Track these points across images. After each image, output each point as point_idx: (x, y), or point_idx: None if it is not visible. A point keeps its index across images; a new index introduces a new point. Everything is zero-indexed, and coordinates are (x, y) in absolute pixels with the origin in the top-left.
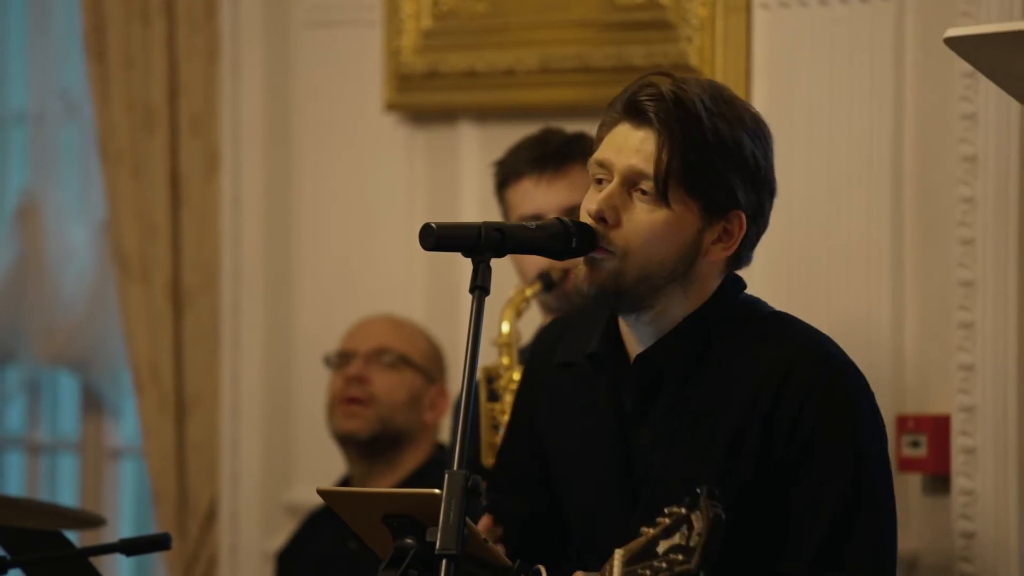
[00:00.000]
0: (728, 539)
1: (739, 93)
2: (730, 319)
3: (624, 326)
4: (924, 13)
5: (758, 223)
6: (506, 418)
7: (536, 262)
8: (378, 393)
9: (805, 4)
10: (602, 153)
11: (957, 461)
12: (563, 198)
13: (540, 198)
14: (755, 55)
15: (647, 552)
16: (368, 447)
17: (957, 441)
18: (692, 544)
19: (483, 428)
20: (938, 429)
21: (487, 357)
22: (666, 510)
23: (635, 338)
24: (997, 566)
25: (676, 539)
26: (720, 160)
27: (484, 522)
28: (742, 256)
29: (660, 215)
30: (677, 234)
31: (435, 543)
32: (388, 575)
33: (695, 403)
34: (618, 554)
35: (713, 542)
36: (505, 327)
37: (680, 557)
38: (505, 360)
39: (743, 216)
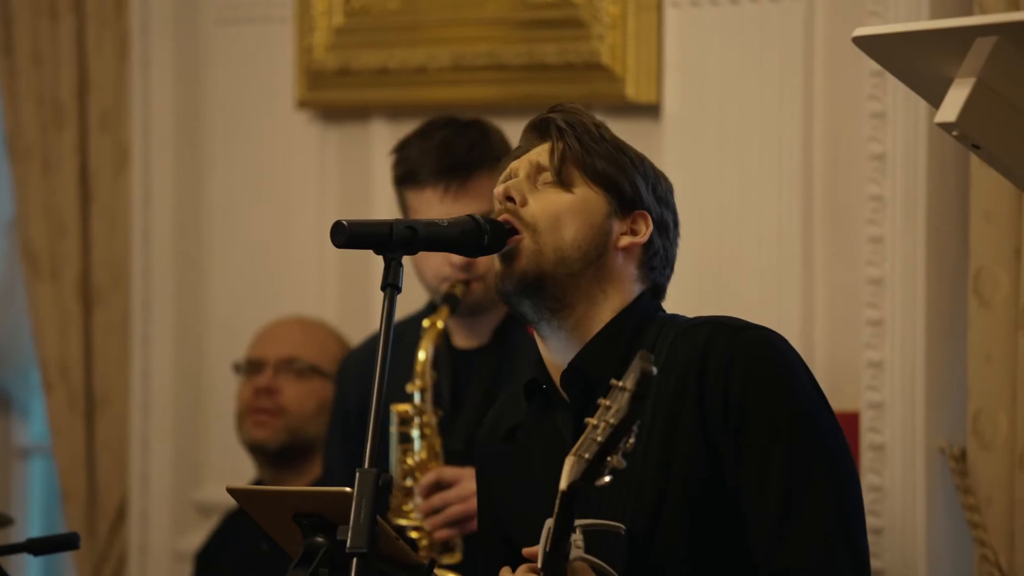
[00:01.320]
0: (697, 535)
1: (651, 91)
2: (650, 326)
3: (547, 354)
4: (833, 13)
5: (666, 239)
6: (416, 461)
7: (436, 267)
8: (287, 404)
9: (716, 3)
10: (508, 167)
11: (866, 457)
12: (468, 211)
13: (444, 213)
14: (666, 53)
15: (588, 439)
16: (278, 456)
17: (866, 438)
18: (623, 402)
19: (395, 469)
20: (847, 426)
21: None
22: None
23: (558, 357)
24: (905, 562)
25: (612, 409)
26: (617, 156)
27: None
28: (655, 268)
29: (565, 196)
30: (585, 214)
31: (345, 541)
32: (298, 574)
33: None
34: (568, 460)
35: (642, 395)
36: (421, 355)
37: (612, 420)
38: (417, 401)
39: (648, 216)
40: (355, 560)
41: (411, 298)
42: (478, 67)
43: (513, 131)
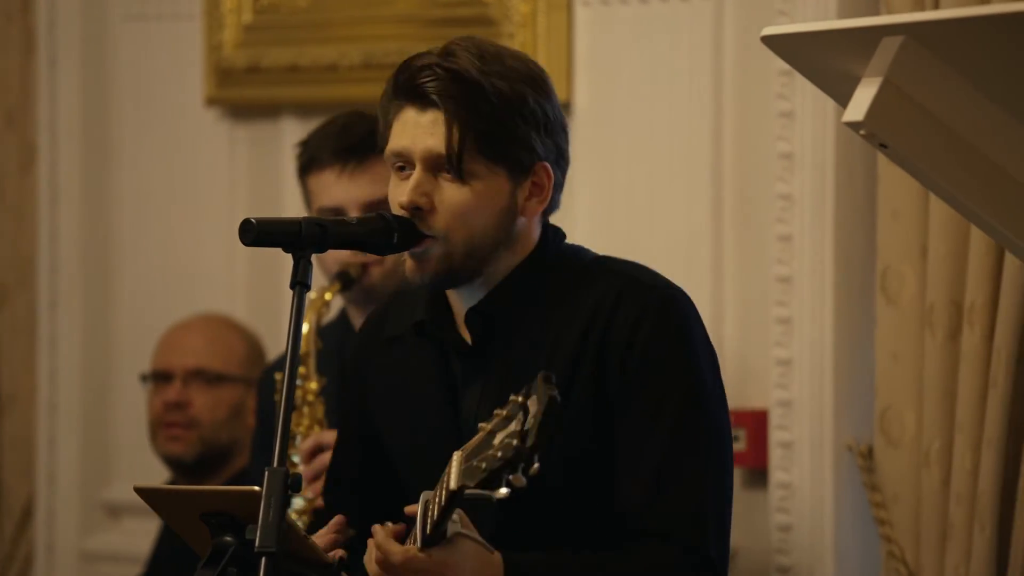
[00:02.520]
0: (572, 475)
1: (561, 89)
2: (555, 266)
3: (452, 293)
4: (742, 11)
5: (561, 165)
6: (303, 428)
7: (336, 257)
8: (199, 415)
9: (626, 2)
10: (396, 142)
11: (774, 455)
12: (365, 192)
13: (341, 192)
14: (576, 51)
15: (484, 445)
16: (194, 467)
17: (774, 435)
18: (527, 427)
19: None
20: (756, 424)
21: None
22: (504, 402)
23: (464, 302)
24: (813, 558)
25: (512, 427)
26: (510, 120)
27: (338, 520)
28: (555, 201)
29: (469, 190)
30: (491, 203)
31: (254, 541)
32: (206, 574)
33: (527, 350)
34: (456, 455)
35: (548, 424)
36: (304, 327)
37: (514, 442)
38: (301, 369)
39: (548, 166)
40: (264, 559)
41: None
42: (388, 65)
43: None
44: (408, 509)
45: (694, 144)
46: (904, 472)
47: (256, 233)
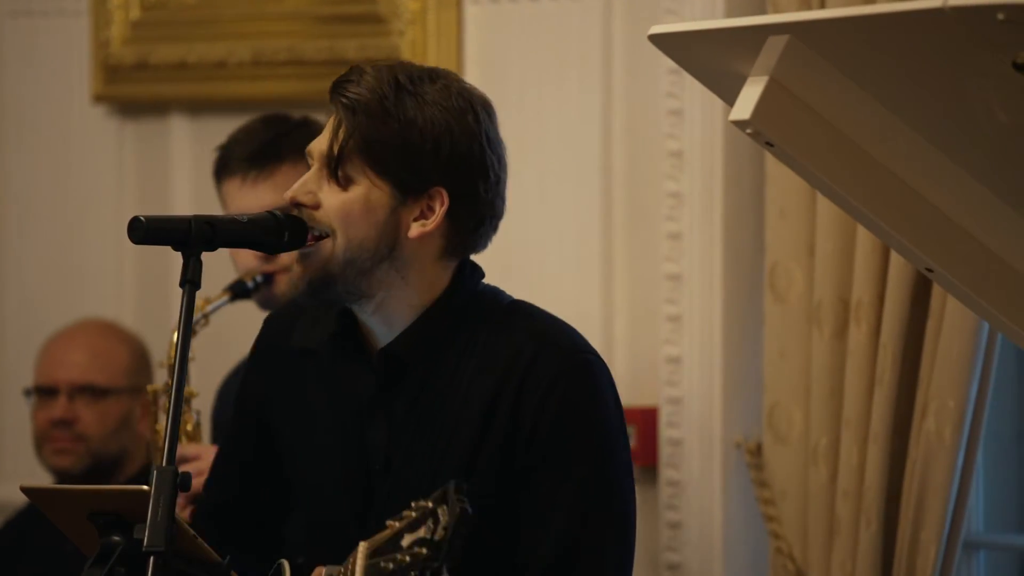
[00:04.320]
0: (473, 541)
1: None
2: (470, 310)
3: (364, 326)
4: (630, 10)
5: (471, 204)
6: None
7: (244, 259)
8: (85, 431)
9: (515, 0)
10: (309, 149)
11: (664, 452)
12: (266, 200)
13: (244, 200)
14: (467, 49)
15: (392, 545)
16: (83, 479)
17: (664, 433)
18: (437, 538)
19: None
20: (646, 421)
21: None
22: (413, 504)
23: (369, 329)
24: (702, 555)
25: (421, 532)
26: (407, 139)
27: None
28: (463, 242)
29: (348, 195)
30: (368, 213)
31: (143, 540)
32: (94, 573)
33: (436, 398)
34: (362, 547)
35: (458, 536)
36: (174, 337)
37: (424, 551)
38: (167, 378)
39: (444, 193)
40: (152, 558)
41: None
42: (278, 62)
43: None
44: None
45: (583, 141)
46: (792, 469)
47: (145, 231)
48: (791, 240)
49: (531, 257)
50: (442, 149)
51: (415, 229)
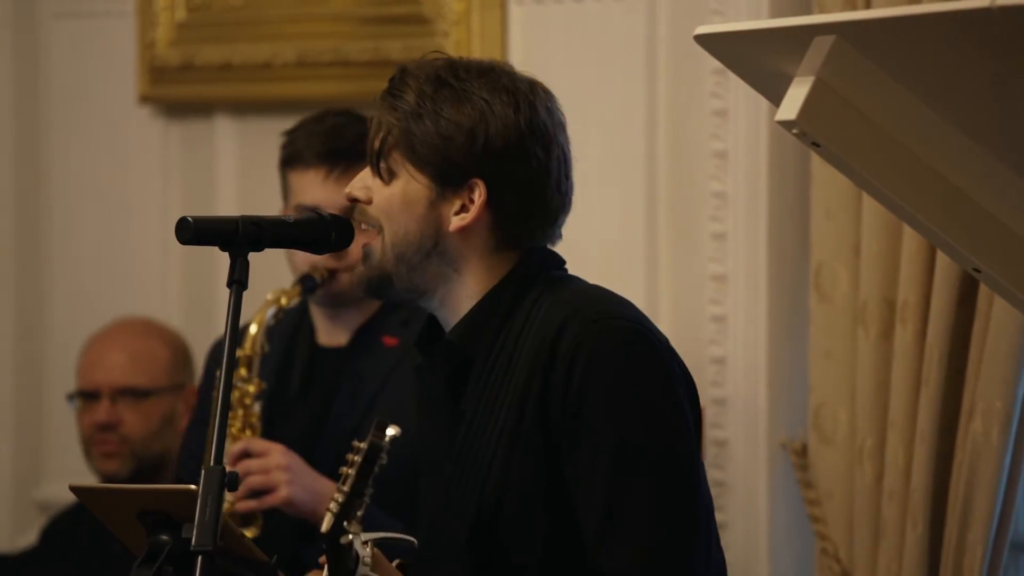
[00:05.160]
0: (532, 514)
1: None
2: (526, 296)
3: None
4: (676, 10)
5: (514, 195)
6: (234, 430)
7: (305, 258)
8: (129, 433)
9: (559, 0)
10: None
11: (709, 453)
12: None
13: (324, 194)
14: (511, 50)
15: (336, 491)
16: (132, 482)
17: (709, 433)
18: (351, 475)
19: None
20: None
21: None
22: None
23: (445, 327)
24: (747, 556)
25: (345, 473)
26: (441, 131)
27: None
28: (514, 233)
29: (390, 190)
30: (408, 206)
31: (191, 539)
32: (142, 572)
33: (496, 386)
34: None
35: (365, 470)
36: (253, 328)
37: (344, 488)
38: (243, 371)
39: (482, 185)
40: (200, 558)
41: (262, 294)
42: (323, 63)
43: None
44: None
45: (628, 142)
46: (837, 469)
47: (192, 232)
48: (837, 240)
49: (575, 258)
50: (476, 141)
51: (455, 222)
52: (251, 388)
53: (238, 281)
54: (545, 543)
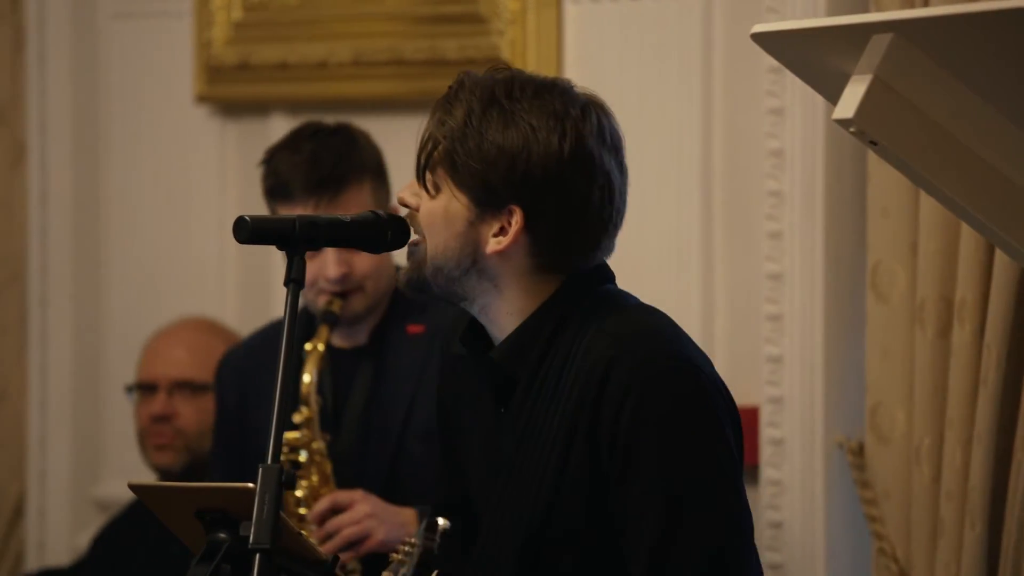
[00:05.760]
0: (571, 547)
1: None
2: (575, 316)
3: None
4: (731, 9)
5: (552, 223)
6: (308, 484)
7: (311, 278)
8: (185, 426)
9: None
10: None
11: (765, 452)
12: None
13: None
14: (566, 49)
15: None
16: (182, 477)
17: (765, 432)
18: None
19: (287, 501)
20: (746, 420)
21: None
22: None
23: (488, 332)
24: (804, 555)
25: (402, 572)
26: (484, 155)
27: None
28: (556, 258)
29: (434, 203)
30: (448, 223)
31: (248, 537)
32: (200, 570)
33: (542, 407)
34: None
35: (421, 571)
36: (306, 378)
37: None
38: (306, 432)
39: (519, 212)
40: (258, 556)
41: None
42: (378, 62)
43: (412, 127)
44: None
45: (684, 141)
46: (895, 469)
47: (250, 231)
48: (894, 239)
49: (631, 257)
50: (516, 168)
51: (492, 245)
52: (317, 445)
53: (295, 280)
54: (586, 567)
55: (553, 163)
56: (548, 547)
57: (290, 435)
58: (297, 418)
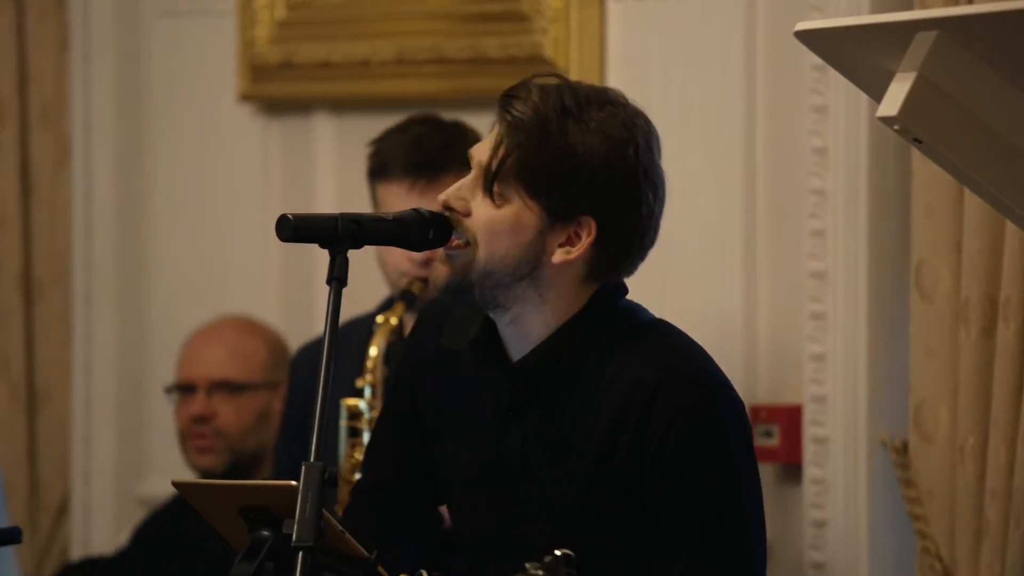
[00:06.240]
0: (599, 563)
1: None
2: (605, 330)
3: (502, 331)
4: (775, 6)
5: (619, 235)
6: (361, 456)
7: (396, 262)
8: (225, 427)
9: None
10: (473, 147)
11: (808, 451)
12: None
13: (409, 205)
14: (609, 47)
15: None
16: (226, 476)
17: (808, 431)
18: None
19: (343, 463)
20: (790, 419)
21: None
22: (526, 565)
23: (507, 339)
24: (847, 554)
25: None
26: (563, 166)
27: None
28: (607, 269)
29: (499, 212)
30: (515, 232)
31: (291, 535)
32: (243, 568)
33: (567, 417)
34: None
35: None
36: (373, 351)
37: None
38: (368, 398)
39: (593, 223)
40: (301, 554)
41: (359, 293)
42: (421, 60)
43: None
44: None
45: (727, 139)
46: (939, 468)
47: (293, 229)
48: (938, 237)
49: (674, 255)
50: (597, 180)
51: (559, 255)
52: (375, 413)
53: (338, 279)
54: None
55: (631, 178)
56: (579, 545)
57: (351, 402)
58: (360, 383)
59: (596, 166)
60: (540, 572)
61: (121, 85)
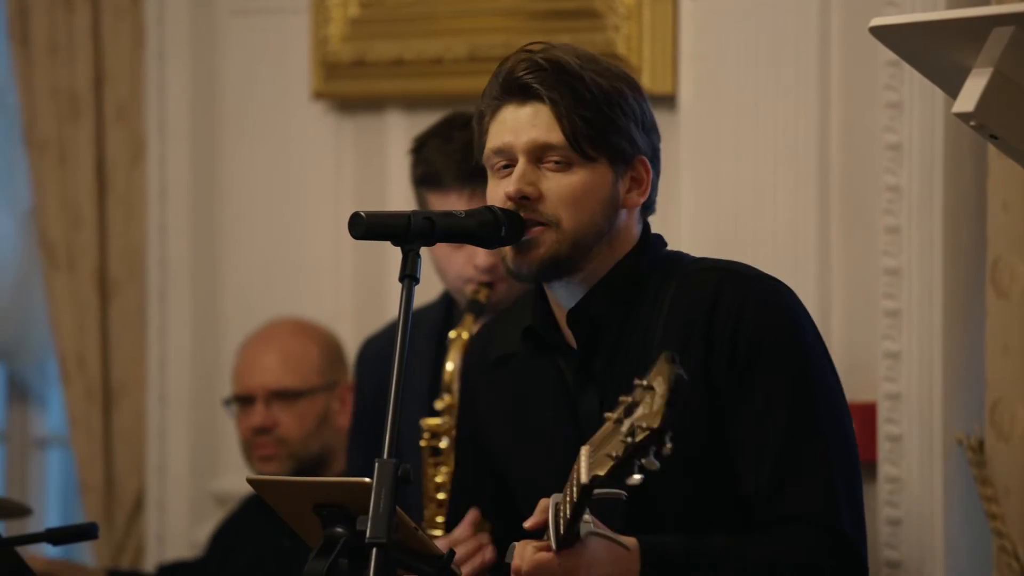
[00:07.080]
0: (685, 471)
1: (667, 81)
2: (657, 265)
3: (552, 297)
4: (849, 2)
5: (655, 165)
6: (444, 475)
7: (459, 268)
8: (286, 434)
9: None
10: (497, 140)
11: (883, 448)
12: None
13: None
14: (682, 43)
15: (612, 434)
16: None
17: (883, 429)
18: (655, 408)
19: (426, 483)
20: (864, 416)
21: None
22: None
23: (565, 302)
24: (922, 553)
25: (640, 411)
26: (611, 111)
27: (472, 515)
28: (652, 201)
29: (576, 178)
30: (596, 192)
31: (365, 532)
32: (318, 564)
33: (634, 347)
34: (584, 449)
35: (676, 402)
36: (449, 366)
37: (644, 424)
38: (447, 418)
39: (646, 160)
40: (375, 550)
41: (426, 290)
42: (494, 58)
43: None
44: (527, 524)
45: (801, 136)
46: (1015, 465)
47: (366, 226)
48: (1014, 234)
49: (748, 251)
50: (636, 117)
51: (634, 198)
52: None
53: (410, 276)
54: (694, 496)
55: (647, 107)
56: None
57: (431, 421)
58: (439, 405)
59: (631, 104)
60: (642, 381)
61: (195, 83)
